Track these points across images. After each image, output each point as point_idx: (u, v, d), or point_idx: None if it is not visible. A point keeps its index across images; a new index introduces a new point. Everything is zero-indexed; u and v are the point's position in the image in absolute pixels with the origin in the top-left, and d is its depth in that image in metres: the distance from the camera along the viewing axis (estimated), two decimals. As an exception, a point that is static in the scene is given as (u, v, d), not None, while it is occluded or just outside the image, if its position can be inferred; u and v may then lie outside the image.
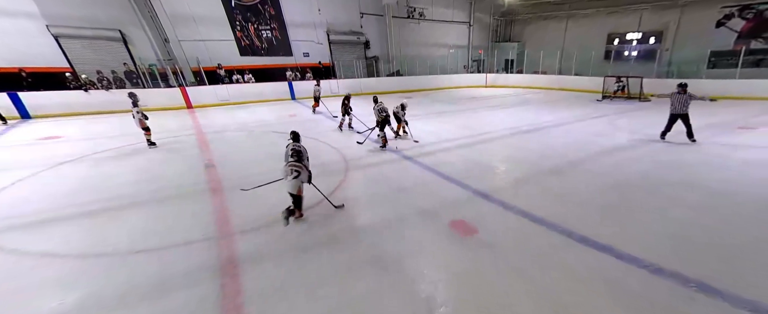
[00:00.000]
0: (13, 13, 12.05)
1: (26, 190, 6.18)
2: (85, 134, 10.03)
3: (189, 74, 15.19)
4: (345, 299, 3.42)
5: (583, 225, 4.71)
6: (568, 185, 6.29)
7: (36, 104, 12.03)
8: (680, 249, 4.17)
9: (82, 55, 13.50)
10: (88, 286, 3.60)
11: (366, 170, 7.21)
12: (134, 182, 6.54)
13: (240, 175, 6.93)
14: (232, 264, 3.96)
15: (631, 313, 3.17)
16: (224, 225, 4.90)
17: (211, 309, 3.25)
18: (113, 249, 4.27)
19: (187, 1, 14.78)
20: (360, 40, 19.99)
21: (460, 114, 13.42)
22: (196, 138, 9.81)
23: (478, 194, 5.85)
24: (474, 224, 4.81)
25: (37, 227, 4.86)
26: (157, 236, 4.58)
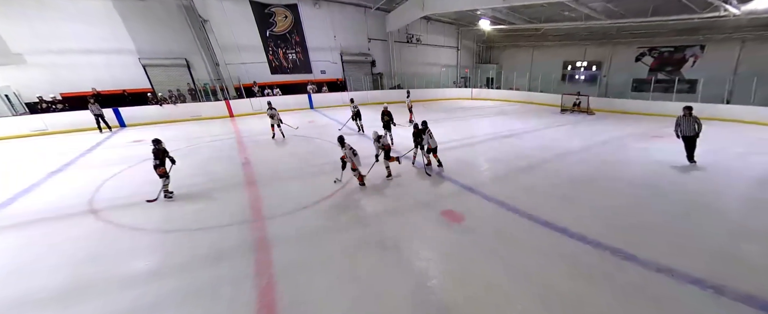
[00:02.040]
0: (118, 50, 13.28)
1: (123, 179, 6.80)
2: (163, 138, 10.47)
3: (232, 90, 15.80)
4: (352, 272, 3.62)
5: (545, 212, 4.94)
6: (535, 180, 6.47)
7: (129, 115, 12.97)
8: (612, 228, 4.49)
9: (160, 78, 14.43)
10: (164, 253, 4.11)
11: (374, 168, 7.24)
12: (192, 175, 6.94)
13: (268, 170, 7.28)
14: (263, 243, 4.25)
15: (579, 278, 3.47)
16: (257, 211, 5.21)
17: (249, 277, 3.56)
18: (180, 226, 4.75)
19: (233, 34, 15.46)
20: (367, 59, 20.32)
21: (450, 121, 13.59)
22: (236, 141, 10.21)
23: (465, 188, 5.99)
24: (461, 213, 4.94)
25: (130, 208, 5.41)
26: (210, 217, 5.01)
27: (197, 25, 14.04)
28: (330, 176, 6.51)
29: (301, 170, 7.24)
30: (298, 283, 3.48)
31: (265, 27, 16.21)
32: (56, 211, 5.28)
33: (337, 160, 6.32)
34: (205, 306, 3.15)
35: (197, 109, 14.22)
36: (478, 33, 24.30)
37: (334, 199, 5.65)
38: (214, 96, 15.16)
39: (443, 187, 6.21)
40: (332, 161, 7.42)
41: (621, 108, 15.46)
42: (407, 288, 3.37)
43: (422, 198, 5.60)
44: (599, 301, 3.17)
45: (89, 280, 3.57)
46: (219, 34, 14.93)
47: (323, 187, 6.14)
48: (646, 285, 3.36)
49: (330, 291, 3.36)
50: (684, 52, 17.22)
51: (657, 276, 3.48)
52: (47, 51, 12.10)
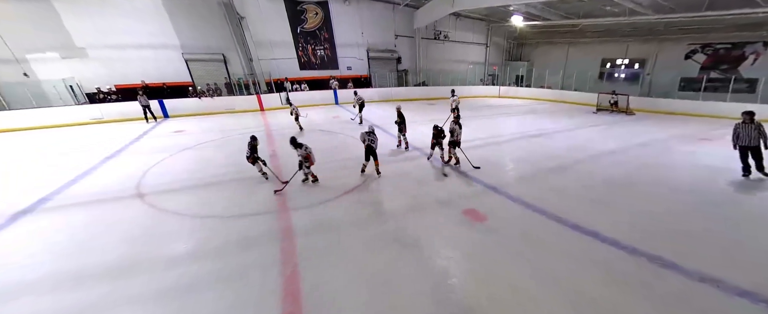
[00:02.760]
0: (165, 45, 14.23)
1: (165, 167, 7.26)
2: (197, 129, 11.24)
3: (263, 85, 16.34)
4: (371, 265, 3.68)
5: (575, 215, 4.71)
6: (565, 181, 6.17)
7: (172, 107, 13.84)
8: (650, 234, 4.20)
9: (199, 72, 15.31)
10: (201, 238, 4.35)
11: (392, 165, 7.20)
12: (225, 165, 7.27)
13: (294, 163, 7.27)
14: (288, 232, 4.40)
15: (613, 285, 3.29)
16: (282, 202, 5.38)
17: (275, 264, 3.72)
18: (215, 213, 5.02)
19: (267, 30, 16.01)
20: (393, 56, 20.19)
21: (476, 120, 13.12)
22: (265, 133, 10.56)
23: (489, 188, 5.82)
24: (484, 213, 4.81)
25: (171, 193, 5.79)
26: (240, 206, 5.25)
27: (235, 21, 14.61)
28: (351, 171, 6.60)
29: (323, 165, 7.33)
30: (320, 274, 3.56)
31: (296, 24, 16.60)
32: (110, 193, 5.77)
33: (359, 155, 6.35)
34: (236, 290, 3.31)
35: (232, 102, 14.90)
36: (509, 30, 23.36)
37: (355, 194, 5.70)
38: (247, 90, 15.80)
39: (465, 186, 6.07)
40: (354, 156, 7.49)
41: (666, 108, 14.22)
42: (427, 285, 3.34)
43: (443, 197, 5.51)
44: (636, 310, 2.98)
45: (137, 258, 3.88)
46: (254, 31, 15.51)
47: (345, 182, 6.21)
48: (689, 296, 3.11)
49: (350, 283, 3.41)
50: (743, 49, 15.61)
51: (701, 287, 3.21)
52: (105, 45, 13.21)
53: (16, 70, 12.34)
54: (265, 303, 3.14)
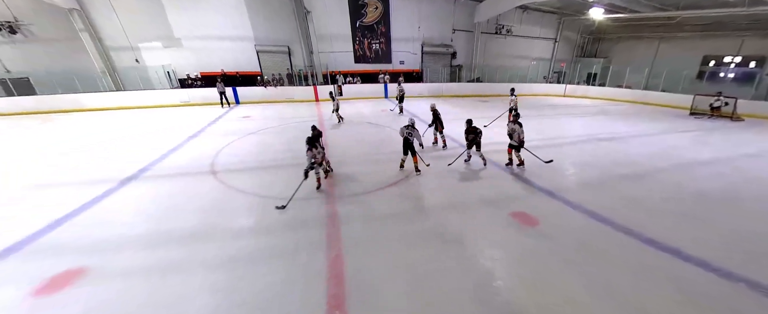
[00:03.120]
0: (242, 37, 15.79)
1: (233, 148, 8.11)
2: (261, 116, 12.34)
3: (320, 76, 17.17)
4: (411, 257, 3.72)
5: (652, 228, 4.24)
6: (640, 191, 5.54)
7: (242, 94, 15.38)
8: (754, 257, 3.61)
9: (267, 63, 16.71)
10: (260, 215, 4.80)
11: (438, 160, 7.08)
12: (284, 150, 7.86)
13: (341, 154, 7.69)
14: (333, 219, 4.61)
15: (688, 306, 2.96)
16: (329, 190, 5.64)
17: (321, 247, 3.93)
18: (272, 194, 5.47)
19: (329, 24, 16.72)
20: (448, 51, 19.48)
21: (535, 119, 12.15)
22: (318, 123, 11.02)
23: (543, 191, 5.52)
24: (535, 217, 4.60)
25: (237, 173, 6.47)
26: (292, 189, 5.53)
27: (302, 15, 15.50)
28: (395, 165, 6.62)
29: (369, 157, 7.52)
30: (361, 261, 3.70)
31: (356, 18, 17.01)
32: (190, 169, 6.68)
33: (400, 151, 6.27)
34: (286, 267, 3.60)
35: (291, 92, 16.01)
36: (585, 23, 20.72)
37: (398, 187, 5.74)
38: (306, 81, 16.79)
39: (514, 187, 5.75)
40: (399, 150, 7.49)
41: (787, 116, 11.38)
42: (468, 283, 3.31)
43: (489, 196, 5.30)
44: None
45: (209, 228, 4.43)
46: (317, 24, 16.32)
47: (388, 175, 6.28)
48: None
49: (390, 272, 3.50)
50: None
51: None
52: (196, 37, 15.19)
53: (130, 57, 14.97)
54: (311, 282, 3.36)
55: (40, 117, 12.35)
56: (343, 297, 3.12)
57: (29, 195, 5.41)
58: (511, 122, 6.35)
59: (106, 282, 3.32)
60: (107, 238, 4.13)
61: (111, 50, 14.69)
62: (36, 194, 5.47)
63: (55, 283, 3.28)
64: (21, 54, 13.88)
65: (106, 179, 5.99)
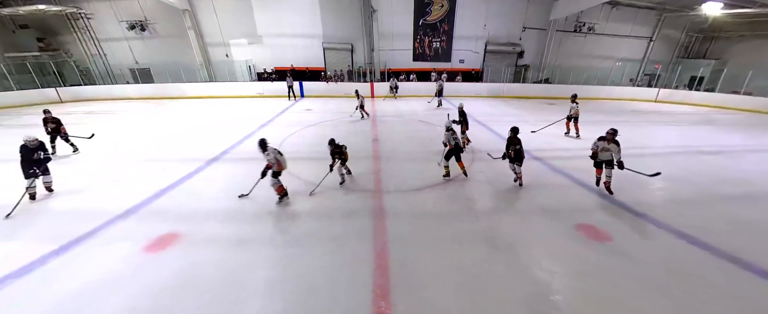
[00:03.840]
0: (312, 35, 17.15)
1: (296, 138, 8.86)
2: (321, 109, 13.18)
3: (378, 73, 17.54)
4: (457, 257, 3.70)
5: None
6: (755, 214, 4.70)
7: (307, 88, 16.62)
8: None
9: (331, 60, 17.83)
10: (313, 202, 5.18)
11: (491, 163, 6.80)
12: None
13: (392, 150, 7.82)
14: (380, 212, 4.76)
15: None
16: (378, 184, 5.82)
17: (368, 238, 4.10)
18: (325, 183, 5.80)
19: (392, 22, 17.00)
20: (515, 50, 18.11)
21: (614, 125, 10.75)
22: (371, 119, 11.37)
23: (619, 205, 4.99)
24: (607, 232, 4.21)
25: (298, 161, 6.94)
26: (347, 180, 5.94)
27: (368, 14, 16.01)
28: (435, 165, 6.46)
29: (418, 154, 7.52)
30: (407, 255, 3.78)
31: (420, 16, 16.94)
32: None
33: None
34: (335, 253, 3.85)
35: (349, 88, 16.71)
36: (695, 20, 17.21)
37: (447, 187, 5.67)
38: (364, 78, 17.36)
39: (581, 198, 5.24)
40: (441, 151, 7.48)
41: None
42: (520, 293, 3.19)
43: (550, 205, 4.90)
44: None
45: (272, 208, 4.94)
46: (380, 23, 16.72)
47: (437, 173, 6.21)
48: None
49: (436, 270, 3.51)
50: None
51: None
52: (274, 34, 16.95)
53: (222, 52, 17.38)
54: (358, 269, 3.54)
55: (155, 102, 15.16)
56: (388, 288, 3.23)
57: (144, 167, 6.68)
58: (607, 140, 5.01)
59: (194, 247, 3.95)
60: (196, 209, 4.89)
61: (208, 46, 17.26)
62: (148, 166, 6.73)
63: (159, 243, 4.01)
64: (146, 48, 17.22)
65: (196, 159, 7.12)
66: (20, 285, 3.28)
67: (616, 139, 5.04)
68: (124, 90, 16.14)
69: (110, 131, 9.69)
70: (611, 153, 5.04)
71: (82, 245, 3.95)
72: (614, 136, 5.04)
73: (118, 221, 4.53)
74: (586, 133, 9.23)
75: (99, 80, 17.27)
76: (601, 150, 5.11)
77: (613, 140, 5.02)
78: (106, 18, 16.26)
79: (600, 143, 5.10)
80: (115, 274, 3.44)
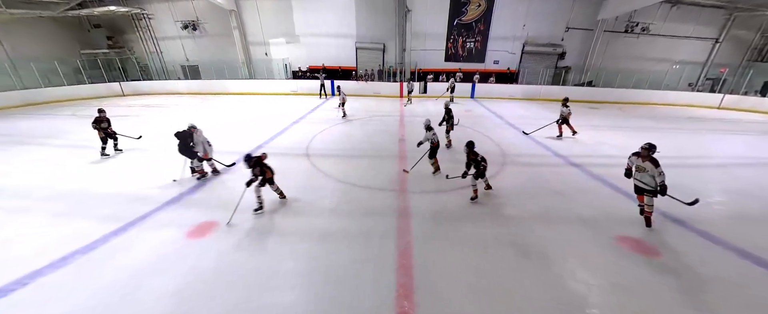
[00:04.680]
0: (346, 35, 17.51)
1: (324, 135, 9.10)
2: (350, 108, 13.18)
3: (408, 73, 17.53)
4: (481, 262, 3.64)
5: None
6: None
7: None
8: None
9: (363, 59, 18.11)
10: (340, 198, 5.31)
11: (524, 168, 6.62)
12: (363, 141, 8.49)
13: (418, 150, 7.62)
14: (404, 212, 4.78)
15: None
16: (403, 184, 5.83)
17: (392, 236, 4.13)
18: (351, 180, 5.97)
19: (426, 22, 16.86)
20: (555, 51, 17.11)
21: (665, 132, 9.98)
22: (398, 119, 11.38)
23: (670, 219, 4.62)
24: (655, 246, 3.93)
25: (324, 158, 7.25)
26: (369, 179, 6.03)
27: (402, 14, 16.03)
28: None
29: (445, 156, 7.38)
30: (430, 256, 3.78)
31: (455, 16, 16.64)
32: (291, 150, 7.85)
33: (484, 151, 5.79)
34: (361, 250, 3.93)
35: (379, 87, 16.83)
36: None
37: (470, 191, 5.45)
38: (394, 78, 17.40)
39: (624, 208, 4.90)
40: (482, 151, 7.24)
41: None
42: (550, 303, 3.05)
43: (588, 215, 4.63)
44: None
45: (303, 203, 5.15)
46: (414, 22, 16.67)
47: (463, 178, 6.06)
48: None
49: (458, 273, 3.48)
50: None
51: None
52: (310, 34, 17.58)
53: (261, 51, 18.34)
54: (381, 267, 3.60)
55: (201, 97, 16.42)
56: (412, 288, 3.25)
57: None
58: (641, 156, 4.19)
59: (230, 235, 4.23)
60: (233, 199, 5.12)
61: (250, 45, 18.30)
62: None
63: (199, 230, 4.34)
64: (196, 46, 18.67)
65: (234, 151, 7.57)
66: (87, 259, 3.73)
67: (652, 156, 4.12)
68: (175, 85, 17.65)
69: (162, 123, 10.69)
70: (648, 174, 4.15)
71: (136, 227, 4.40)
72: (650, 152, 4.11)
73: (166, 207, 4.97)
74: (632, 141, 8.55)
75: (155, 75, 19.06)
76: (636, 169, 4.34)
77: (649, 157, 4.11)
78: (164, 18, 17.88)
79: (633, 158, 4.36)
80: (163, 256, 3.79)
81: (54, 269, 3.50)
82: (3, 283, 3.26)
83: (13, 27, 15.05)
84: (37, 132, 9.38)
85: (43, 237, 4.12)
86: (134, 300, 3.10)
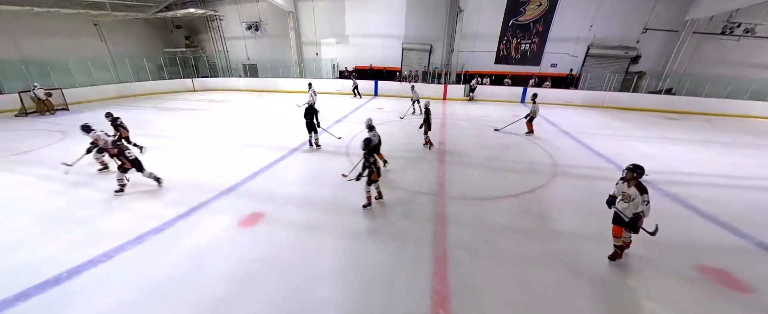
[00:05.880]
0: (394, 36, 17.67)
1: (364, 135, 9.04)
2: (391, 108, 13.52)
3: (453, 75, 17.05)
4: (526, 278, 3.39)
5: None
6: None
7: (381, 87, 17.29)
8: None
9: (408, 60, 18.12)
10: (378, 201, 5.31)
11: (578, 180, 6.08)
12: (402, 142, 8.51)
13: (459, 154, 7.54)
14: (441, 217, 4.67)
15: None
16: (441, 188, 5.68)
17: (428, 242, 4.08)
18: (387, 181, 5.97)
19: (479, 22, 16.25)
20: (627, 54, 15.24)
21: (763, 150, 8.31)
22: (440, 122, 11.09)
23: (763, 248, 3.99)
24: (746, 281, 3.40)
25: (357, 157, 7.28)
26: (408, 181, 6.01)
27: (454, 14, 15.69)
28: (521, 175, 6.00)
29: (489, 162, 7.11)
30: (468, 266, 3.65)
31: (511, 16, 15.81)
32: (333, 147, 8.13)
33: (532, 159, 5.51)
34: (395, 250, 3.94)
35: (422, 89, 16.61)
36: None
37: (520, 200, 5.23)
38: (438, 79, 17.09)
39: (707, 233, 4.30)
40: (526, 160, 6.99)
41: None
42: None
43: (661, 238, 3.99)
44: None
45: (338, 200, 5.27)
46: (466, 23, 16.19)
47: (508, 184, 5.79)
48: None
49: (499, 288, 3.32)
50: None
51: None
52: (359, 35, 18.11)
53: (313, 51, 19.39)
54: (416, 272, 3.55)
55: (257, 93, 17.89)
56: (448, 296, 3.17)
57: (243, 152, 7.85)
58: (627, 180, 3.43)
59: (276, 227, 4.48)
60: (279, 193, 5.55)
61: (303, 45, 19.47)
62: (246, 151, 7.89)
63: (249, 220, 4.64)
64: (256, 46, 20.42)
65: (281, 147, 8.12)
66: (158, 239, 4.18)
67: (640, 181, 3.34)
68: (236, 82, 19.51)
69: (222, 117, 11.88)
70: (634, 203, 3.34)
71: (197, 213, 4.84)
72: (637, 175, 3.32)
73: (222, 196, 5.39)
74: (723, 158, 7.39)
75: (220, 72, 21.28)
76: (622, 197, 3.47)
77: (636, 182, 3.33)
78: (232, 19, 19.86)
79: (620, 184, 3.51)
80: (218, 242, 4.12)
81: (133, 245, 4.02)
82: (94, 255, 3.82)
83: (114, 28, 18.01)
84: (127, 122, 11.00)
85: (126, 215, 4.76)
86: (196, 279, 3.44)
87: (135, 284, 3.36)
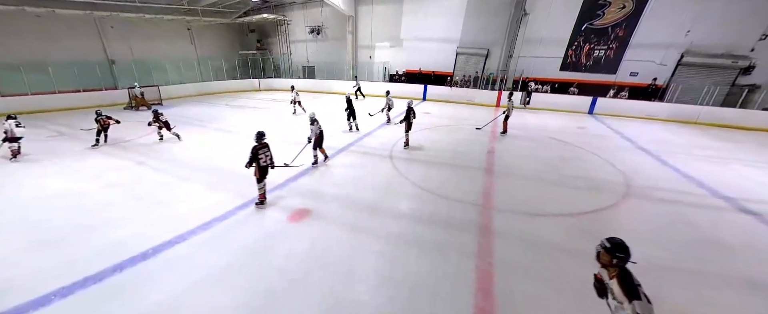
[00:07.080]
0: (449, 39, 17.27)
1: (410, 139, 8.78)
2: (439, 114, 13.28)
3: (510, 82, 16.04)
4: (586, 307, 3.02)
5: None
6: None
7: (430, 92, 16.97)
8: None
9: (461, 64, 17.57)
10: (417, 204, 5.28)
11: (656, 204, 5.32)
12: (448, 149, 8.30)
13: (510, 165, 7.12)
14: (487, 230, 4.45)
15: None
16: (487, 199, 5.41)
17: (471, 255, 3.93)
18: (430, 187, 5.88)
19: (546, 26, 15.03)
20: (735, 64, 12.64)
21: None
22: (490, 129, 10.47)
23: None
24: None
25: (406, 162, 7.32)
26: (450, 188, 5.83)
27: (517, 17, 14.84)
28: (578, 192, 5.47)
29: (544, 175, 6.58)
30: (516, 286, 3.44)
31: (586, 19, 14.37)
32: (377, 151, 8.18)
33: (596, 176, 5.27)
34: (434, 260, 3.85)
35: (473, 94, 16.04)
36: None
37: (581, 220, 4.73)
38: (493, 86, 16.25)
39: None
40: (588, 176, 6.38)
41: None
42: None
43: (760, 277, 3.34)
44: None
45: (383, 202, 5.36)
46: (530, 27, 15.20)
47: (567, 200, 5.28)
48: None
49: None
50: None
51: None
52: (413, 38, 18.16)
53: (367, 54, 20.05)
54: (459, 285, 3.44)
55: (313, 94, 19.08)
56: None
57: (292, 150, 8.03)
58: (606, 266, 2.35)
59: (322, 224, 4.68)
60: (325, 192, 5.78)
61: (359, 48, 20.26)
62: (295, 149, 8.13)
63: (298, 215, 4.85)
64: (316, 49, 21.87)
65: (331, 147, 8.45)
66: (222, 226, 4.56)
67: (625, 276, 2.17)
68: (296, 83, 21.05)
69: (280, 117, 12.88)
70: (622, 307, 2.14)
71: (252, 205, 5.15)
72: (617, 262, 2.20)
73: (276, 190, 5.79)
74: None
75: (283, 74, 23.24)
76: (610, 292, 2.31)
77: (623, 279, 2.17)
78: (298, 23, 21.57)
79: (600, 269, 2.40)
80: (271, 234, 4.42)
81: (202, 230, 4.51)
82: (171, 236, 4.27)
83: (201, 32, 20.95)
84: (203, 117, 12.64)
85: (199, 203, 5.25)
86: (254, 267, 3.77)
87: (201, 267, 3.72)
